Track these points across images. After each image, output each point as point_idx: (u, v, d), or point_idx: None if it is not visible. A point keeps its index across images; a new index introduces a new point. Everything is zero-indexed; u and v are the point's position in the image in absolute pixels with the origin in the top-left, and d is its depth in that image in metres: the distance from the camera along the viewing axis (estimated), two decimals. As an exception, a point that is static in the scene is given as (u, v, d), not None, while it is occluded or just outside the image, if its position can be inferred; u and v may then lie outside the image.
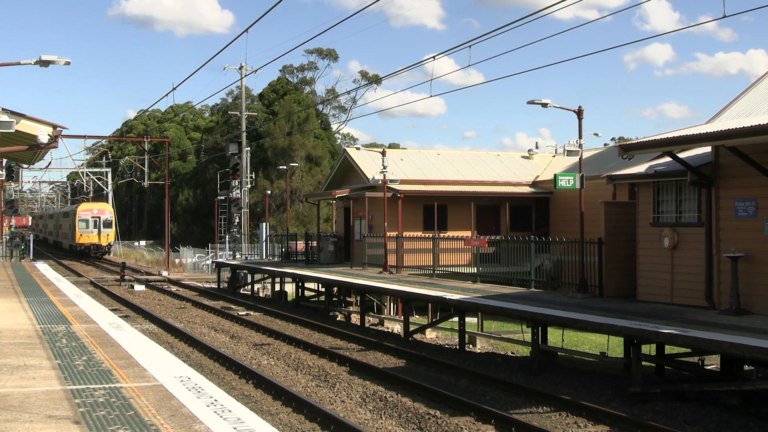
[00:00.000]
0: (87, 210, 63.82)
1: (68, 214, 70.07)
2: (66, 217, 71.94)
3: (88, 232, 62.72)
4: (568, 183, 20.61)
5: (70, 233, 66.98)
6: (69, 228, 67.11)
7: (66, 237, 70.92)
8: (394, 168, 31.83)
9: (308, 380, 16.12)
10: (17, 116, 19.82)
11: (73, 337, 12.53)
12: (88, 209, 63.98)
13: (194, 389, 8.61)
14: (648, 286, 18.72)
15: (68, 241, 68.95)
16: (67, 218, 70.68)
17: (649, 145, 16.82)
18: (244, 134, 43.22)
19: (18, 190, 79.76)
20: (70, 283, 24.60)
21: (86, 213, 63.16)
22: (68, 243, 69.31)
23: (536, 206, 35.13)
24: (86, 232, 62.73)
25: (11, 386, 8.85)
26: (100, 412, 7.63)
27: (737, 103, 18.72)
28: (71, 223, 65.34)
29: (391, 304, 28.50)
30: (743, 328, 13.76)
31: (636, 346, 14.37)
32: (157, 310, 28.14)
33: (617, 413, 12.92)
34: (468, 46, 18.14)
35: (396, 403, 13.86)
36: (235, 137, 50.52)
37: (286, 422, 12.75)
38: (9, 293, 19.99)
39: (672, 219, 18.32)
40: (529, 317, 17.06)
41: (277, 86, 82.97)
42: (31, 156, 28.44)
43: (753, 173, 15.61)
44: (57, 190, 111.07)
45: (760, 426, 12.40)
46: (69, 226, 67.30)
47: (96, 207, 64.89)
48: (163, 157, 69.25)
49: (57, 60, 19.97)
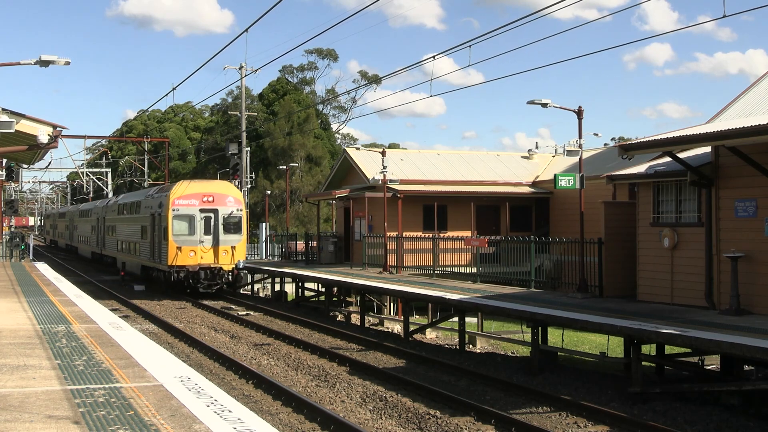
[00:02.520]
0: (191, 196, 31.89)
1: (145, 206, 35.80)
2: (137, 212, 37.32)
3: (194, 242, 31.50)
4: (568, 183, 20.61)
5: (150, 246, 34.23)
6: (150, 234, 34.08)
7: (135, 252, 37.33)
8: (394, 168, 31.84)
9: (308, 380, 16.12)
10: (17, 116, 19.82)
11: (73, 337, 12.53)
12: (192, 194, 31.96)
13: (194, 389, 8.61)
14: (648, 286, 18.72)
15: (143, 259, 35.85)
16: (141, 213, 36.20)
17: (649, 145, 16.82)
18: (244, 134, 43.23)
19: (18, 190, 79.32)
20: (71, 283, 24.59)
21: (189, 201, 31.70)
22: (141, 262, 36.33)
23: (536, 206, 35.13)
24: (190, 241, 31.44)
25: (11, 386, 8.85)
26: (100, 412, 7.63)
27: (737, 103, 18.72)
28: (156, 225, 33.22)
29: (391, 304, 28.50)
30: (743, 328, 13.76)
31: (636, 346, 14.37)
32: (157, 310, 28.14)
33: (617, 413, 12.92)
34: (468, 46, 18.15)
35: (396, 403, 13.86)
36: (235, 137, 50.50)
37: (286, 422, 12.74)
38: (9, 293, 19.99)
39: (672, 219, 18.32)
40: (529, 317, 17.06)
41: (277, 86, 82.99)
42: (31, 156, 28.45)
43: (753, 173, 15.61)
44: (57, 190, 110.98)
45: (760, 426, 12.40)
46: (149, 232, 34.38)
47: (208, 188, 32.85)
48: (163, 157, 69.23)
49: (57, 60, 19.98)
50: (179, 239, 31.01)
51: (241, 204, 32.52)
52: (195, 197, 31.58)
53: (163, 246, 31.85)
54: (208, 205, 31.65)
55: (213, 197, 31.79)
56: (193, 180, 34.80)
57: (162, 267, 32.17)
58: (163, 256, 31.63)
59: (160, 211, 32.20)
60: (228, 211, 31.94)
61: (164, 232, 31.51)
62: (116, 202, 44.94)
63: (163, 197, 32.31)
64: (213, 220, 31.59)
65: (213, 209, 31.70)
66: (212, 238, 31.58)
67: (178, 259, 30.89)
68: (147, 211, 34.84)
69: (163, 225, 31.71)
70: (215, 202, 31.78)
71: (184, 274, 30.99)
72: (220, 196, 32.05)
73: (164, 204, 31.80)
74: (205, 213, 31.58)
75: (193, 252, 31.18)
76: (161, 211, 32.06)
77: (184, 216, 31.29)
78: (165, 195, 32.26)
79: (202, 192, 31.91)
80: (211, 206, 31.67)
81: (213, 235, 31.56)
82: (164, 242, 31.56)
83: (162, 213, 31.95)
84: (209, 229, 31.52)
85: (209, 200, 31.71)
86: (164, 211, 31.63)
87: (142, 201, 36.51)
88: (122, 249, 41.07)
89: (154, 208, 33.34)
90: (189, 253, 31.07)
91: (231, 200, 32.18)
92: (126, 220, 40.19)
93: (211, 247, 31.51)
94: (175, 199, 31.28)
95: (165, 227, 31.36)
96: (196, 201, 31.53)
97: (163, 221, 31.61)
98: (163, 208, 31.77)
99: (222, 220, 31.69)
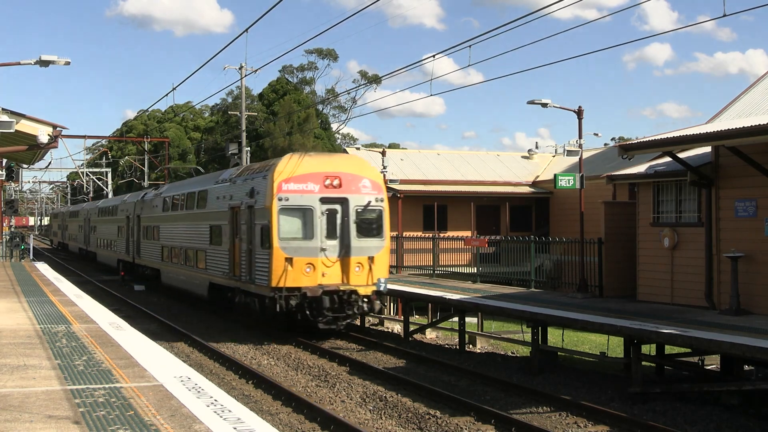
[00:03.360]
0: (306, 178, 20.68)
1: (220, 195, 24.78)
2: (204, 205, 26.48)
3: (313, 251, 20.38)
4: (568, 183, 20.62)
5: (230, 256, 23.14)
6: (230, 237, 23.13)
7: (198, 265, 26.54)
8: (394, 168, 31.88)
9: (308, 380, 16.12)
10: (17, 116, 19.83)
11: (73, 337, 12.53)
12: (309, 175, 20.71)
13: (194, 389, 8.61)
14: (648, 286, 18.72)
15: (215, 275, 24.68)
16: (212, 206, 25.37)
17: (649, 145, 16.83)
18: (244, 134, 43.22)
19: (18, 190, 79.18)
20: (71, 283, 24.59)
21: (305, 185, 20.61)
22: (211, 278, 25.01)
23: (536, 206, 35.16)
24: (306, 249, 20.33)
25: (11, 386, 8.85)
26: (100, 412, 7.63)
27: (737, 103, 18.73)
28: (244, 224, 21.93)
29: (391, 304, 28.50)
30: (743, 328, 13.77)
31: (636, 346, 14.37)
32: (158, 310, 28.14)
33: (617, 413, 12.92)
34: (468, 45, 18.14)
35: (396, 403, 13.86)
36: (235, 137, 50.48)
37: (286, 422, 12.75)
38: (9, 293, 19.99)
39: (672, 219, 18.32)
40: (529, 317, 17.07)
41: (277, 86, 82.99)
42: (31, 156, 28.47)
43: (753, 173, 15.61)
44: (57, 190, 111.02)
45: (760, 426, 12.40)
46: (227, 233, 23.48)
47: (331, 165, 21.26)
48: (163, 157, 69.21)
49: (57, 60, 20.00)
50: (289, 245, 19.90)
51: (381, 190, 21.23)
52: (313, 179, 20.39)
53: (258, 256, 20.66)
54: (333, 192, 20.49)
55: (340, 179, 20.57)
56: (306, 153, 21.40)
57: (255, 289, 20.88)
58: (259, 272, 20.58)
59: (253, 202, 21.10)
60: (363, 200, 20.77)
61: (262, 234, 20.40)
62: (159, 194, 33.45)
63: (260, 181, 20.97)
64: (341, 215, 20.48)
65: (341, 198, 20.51)
66: (339, 243, 20.36)
67: (287, 277, 19.80)
68: (223, 203, 23.89)
69: (259, 223, 20.68)
70: (344, 188, 20.61)
71: (297, 302, 19.67)
72: (351, 178, 20.77)
73: (262, 190, 20.62)
74: (329, 204, 20.40)
75: (310, 266, 19.99)
76: (255, 202, 20.96)
77: (297, 209, 20.15)
78: (264, 177, 20.78)
79: (324, 171, 20.56)
80: (337, 193, 20.51)
81: (341, 240, 20.37)
82: (261, 250, 20.41)
83: (257, 204, 20.85)
84: (334, 229, 20.37)
85: (335, 184, 20.52)
86: (262, 200, 20.53)
87: (215, 189, 25.16)
88: (173, 259, 29.66)
89: (240, 198, 22.21)
90: (304, 268, 19.91)
91: (367, 184, 20.90)
92: (180, 219, 29.07)
93: (338, 258, 20.29)
94: (283, 182, 20.08)
95: (265, 227, 20.21)
96: (315, 185, 20.37)
97: (259, 217, 20.65)
98: (260, 197, 20.68)
99: (354, 215, 20.55)
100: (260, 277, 20.51)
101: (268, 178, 20.39)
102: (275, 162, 21.10)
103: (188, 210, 28.21)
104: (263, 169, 21.50)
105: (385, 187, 21.73)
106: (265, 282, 20.10)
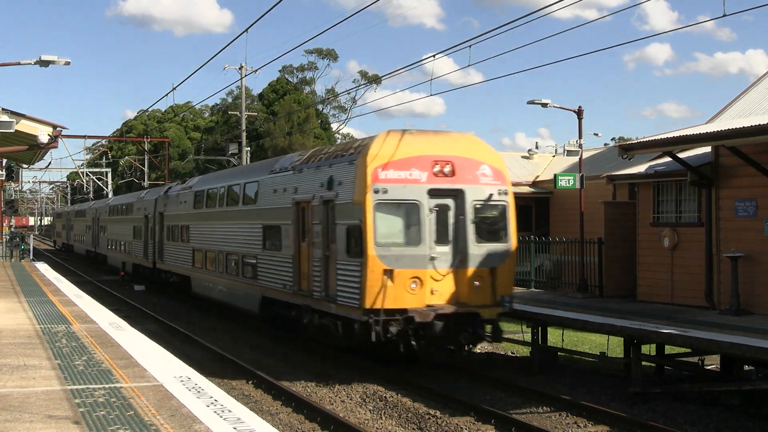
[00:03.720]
0: (410, 163, 15.36)
1: (279, 186, 19.16)
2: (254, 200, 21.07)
3: (420, 260, 15.11)
4: (568, 183, 20.63)
5: (295, 264, 17.84)
6: (295, 239, 17.86)
7: (246, 273, 21.13)
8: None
9: (308, 380, 16.11)
10: (17, 116, 19.84)
11: (73, 337, 12.53)
12: (413, 159, 15.38)
13: (194, 389, 8.61)
14: (648, 286, 18.73)
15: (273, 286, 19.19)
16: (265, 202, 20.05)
17: (649, 145, 16.84)
18: (244, 134, 43.24)
19: (18, 190, 79.20)
20: (71, 283, 24.61)
21: (408, 173, 15.31)
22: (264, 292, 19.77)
23: (536, 206, 35.15)
24: (411, 258, 15.03)
25: (11, 386, 8.85)
26: (100, 412, 7.63)
27: (737, 103, 18.74)
28: (318, 224, 16.67)
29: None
30: (743, 328, 13.78)
31: (636, 346, 14.38)
32: (157, 310, 28.14)
33: (617, 413, 12.93)
34: (468, 45, 18.13)
35: (396, 403, 13.86)
36: (235, 137, 50.53)
37: (286, 422, 12.74)
38: (9, 293, 20.00)
39: (672, 219, 18.33)
40: (529, 317, 17.06)
41: (277, 86, 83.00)
42: (31, 156, 28.48)
43: (753, 173, 15.63)
44: (57, 190, 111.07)
45: (760, 426, 12.41)
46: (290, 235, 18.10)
47: (440, 146, 15.86)
48: (163, 157, 69.22)
49: (57, 60, 20.02)
50: (389, 253, 14.94)
51: (504, 180, 16.23)
52: (419, 164, 15.43)
53: (342, 266, 15.61)
54: (444, 181, 15.56)
55: (453, 164, 15.65)
56: (406, 131, 16.07)
57: (337, 309, 15.81)
58: (344, 288, 15.49)
59: (333, 196, 16.08)
60: (483, 193, 15.85)
61: (348, 237, 15.49)
62: (188, 188, 28.10)
63: (344, 167, 15.99)
64: (454, 212, 15.64)
65: (454, 190, 15.62)
66: (452, 250, 15.48)
67: (387, 295, 14.76)
68: (283, 197, 18.68)
69: (343, 223, 15.65)
70: (458, 176, 15.67)
71: (400, 328, 14.69)
72: (467, 164, 15.85)
73: (347, 180, 15.69)
74: (440, 198, 15.53)
75: (416, 281, 15.09)
76: (337, 196, 15.95)
77: (399, 205, 15.28)
78: (350, 162, 15.78)
79: (432, 154, 15.62)
80: (450, 183, 15.59)
81: (454, 246, 15.51)
82: (348, 259, 15.43)
83: (340, 198, 15.85)
84: (446, 232, 15.55)
85: (446, 171, 15.60)
86: (347, 193, 15.57)
87: (270, 181, 19.80)
88: (208, 265, 24.83)
89: (311, 191, 17.12)
90: (409, 284, 15.03)
91: (487, 172, 16.01)
92: (219, 217, 24.16)
93: (451, 269, 15.39)
94: (379, 167, 15.16)
95: (353, 228, 15.27)
96: (422, 173, 15.43)
97: (344, 215, 15.65)
98: (344, 189, 15.73)
99: (473, 212, 15.67)
100: (345, 295, 15.40)
101: (358, 164, 15.31)
102: (366, 142, 15.81)
103: (230, 206, 23.19)
104: (347, 152, 16.36)
105: (507, 174, 16.51)
106: (354, 301, 15.03)
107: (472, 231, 15.58)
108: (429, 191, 15.38)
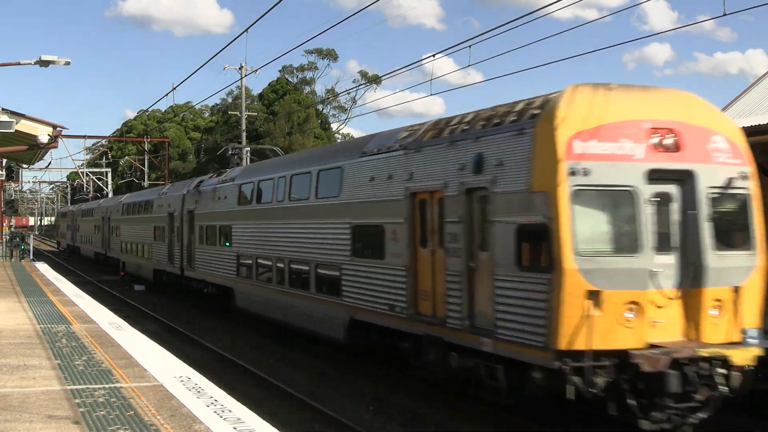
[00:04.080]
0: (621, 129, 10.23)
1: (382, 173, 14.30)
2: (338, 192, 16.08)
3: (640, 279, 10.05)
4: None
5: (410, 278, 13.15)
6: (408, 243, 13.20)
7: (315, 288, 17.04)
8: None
9: (308, 380, 16.11)
10: (17, 116, 19.86)
11: (73, 337, 12.54)
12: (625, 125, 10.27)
13: (194, 389, 8.61)
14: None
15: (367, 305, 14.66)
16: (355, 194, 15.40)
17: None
18: (244, 134, 43.24)
19: (18, 190, 79.21)
20: (70, 283, 24.61)
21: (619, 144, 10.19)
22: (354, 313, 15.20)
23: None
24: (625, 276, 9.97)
25: (11, 386, 8.85)
26: (100, 412, 7.63)
27: (737, 103, 18.75)
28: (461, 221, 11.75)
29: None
30: (743, 328, 13.69)
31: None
32: (157, 311, 28.15)
33: (617, 413, 12.87)
34: (468, 45, 18.13)
35: (396, 403, 13.86)
36: (235, 137, 50.55)
37: (286, 422, 12.73)
38: (9, 293, 20.01)
39: (672, 219, 18.31)
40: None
41: (277, 86, 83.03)
42: (31, 156, 28.50)
43: (753, 173, 15.62)
44: (57, 190, 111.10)
45: (761, 426, 12.40)
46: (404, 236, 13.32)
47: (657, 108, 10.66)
48: (163, 157, 69.24)
49: (57, 60, 20.04)
50: (595, 267, 10.01)
51: (743, 157, 11.30)
52: (630, 132, 10.47)
53: (506, 283, 10.96)
54: (666, 159, 10.64)
55: (676, 134, 10.72)
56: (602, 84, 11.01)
57: (495, 348, 11.13)
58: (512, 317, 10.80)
59: (486, 182, 11.44)
60: (720, 177, 10.92)
61: (520, 242, 10.81)
62: (229, 181, 23.88)
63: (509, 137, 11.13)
64: (680, 205, 10.80)
65: (680, 171, 10.71)
66: (680, 261, 10.70)
67: (593, 329, 9.78)
68: (386, 187, 14.28)
69: (505, 222, 11.01)
70: (685, 151, 10.75)
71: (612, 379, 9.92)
72: (695, 132, 10.90)
73: (514, 157, 10.98)
74: (660, 183, 10.60)
75: (633, 307, 10.13)
76: (494, 182, 11.25)
77: (606, 193, 10.37)
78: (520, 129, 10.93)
79: (648, 118, 10.68)
80: (674, 162, 10.68)
81: (682, 254, 10.72)
82: (520, 273, 10.72)
83: (500, 186, 11.14)
84: (668, 233, 10.73)
85: (667, 144, 10.67)
86: (515, 177, 10.89)
87: (361, 165, 15.48)
88: (259, 274, 20.79)
89: (441, 176, 12.62)
90: (623, 311, 10.05)
91: (721, 145, 11.09)
92: (278, 215, 19.61)
93: (679, 289, 10.58)
94: (575, 137, 10.24)
95: (535, 228, 10.49)
96: (636, 144, 10.45)
97: (514, 208, 10.86)
98: (508, 172, 11.05)
99: (708, 204, 10.75)
100: (514, 327, 10.77)
101: (539, 132, 10.55)
102: (549, 99, 10.96)
103: (295, 201, 18.55)
104: (507, 117, 11.52)
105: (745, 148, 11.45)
106: (535, 338, 10.34)
107: (709, 232, 10.64)
108: (648, 173, 10.41)
